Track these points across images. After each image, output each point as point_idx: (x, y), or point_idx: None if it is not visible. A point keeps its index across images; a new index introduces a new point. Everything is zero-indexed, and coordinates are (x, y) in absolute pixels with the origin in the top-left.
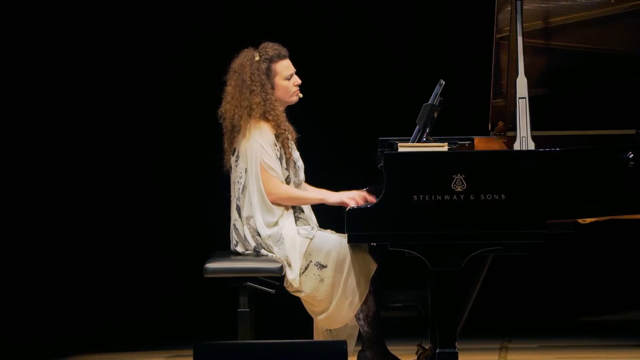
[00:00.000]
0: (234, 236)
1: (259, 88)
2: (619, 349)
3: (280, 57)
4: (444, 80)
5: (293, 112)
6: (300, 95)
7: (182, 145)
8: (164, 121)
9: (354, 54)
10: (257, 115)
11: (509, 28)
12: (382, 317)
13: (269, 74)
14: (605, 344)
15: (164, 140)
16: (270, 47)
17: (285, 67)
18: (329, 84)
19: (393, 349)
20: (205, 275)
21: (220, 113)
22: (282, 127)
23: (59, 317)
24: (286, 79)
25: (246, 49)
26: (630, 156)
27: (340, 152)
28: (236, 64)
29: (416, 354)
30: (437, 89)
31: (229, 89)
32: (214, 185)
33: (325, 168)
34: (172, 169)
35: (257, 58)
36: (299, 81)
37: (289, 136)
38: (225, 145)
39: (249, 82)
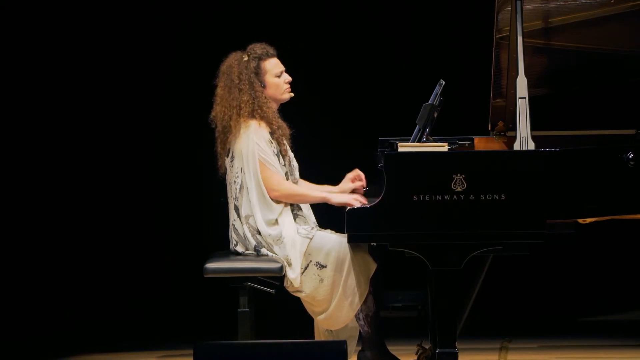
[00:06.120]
0: (233, 236)
1: (247, 86)
2: (619, 349)
3: (268, 56)
4: (444, 80)
5: (292, 112)
6: (292, 94)
7: (181, 145)
8: (163, 121)
9: (353, 54)
10: (246, 113)
11: (509, 28)
12: (382, 317)
13: (259, 72)
14: (605, 344)
15: (164, 141)
16: (258, 47)
17: (274, 65)
18: (329, 84)
19: (393, 349)
20: (205, 275)
21: (211, 118)
22: (274, 124)
23: (59, 317)
24: (276, 77)
25: (234, 52)
26: (630, 156)
27: (340, 152)
28: (225, 65)
29: (416, 354)
30: (437, 89)
31: (218, 91)
32: (214, 185)
33: (325, 168)
34: (172, 169)
35: (245, 58)
36: (289, 78)
37: (283, 133)
38: (219, 149)
39: (237, 82)
